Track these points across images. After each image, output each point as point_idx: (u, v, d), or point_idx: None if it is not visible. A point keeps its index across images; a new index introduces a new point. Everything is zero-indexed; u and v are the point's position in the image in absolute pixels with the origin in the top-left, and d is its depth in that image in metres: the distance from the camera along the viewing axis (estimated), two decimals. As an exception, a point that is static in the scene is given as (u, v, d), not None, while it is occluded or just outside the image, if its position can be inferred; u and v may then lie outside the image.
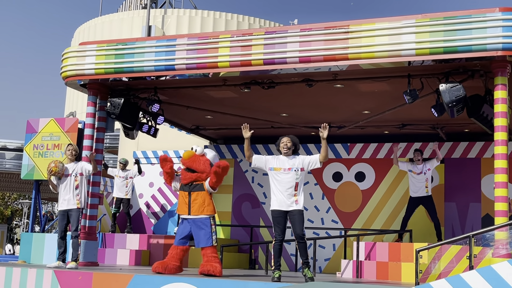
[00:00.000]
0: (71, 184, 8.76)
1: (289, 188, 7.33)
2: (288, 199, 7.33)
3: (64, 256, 8.72)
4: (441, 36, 7.64)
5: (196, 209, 8.01)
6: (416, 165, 10.93)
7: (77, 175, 8.79)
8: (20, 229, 48.35)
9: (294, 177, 7.34)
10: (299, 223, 7.26)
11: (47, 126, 12.02)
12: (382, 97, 9.88)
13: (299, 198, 7.33)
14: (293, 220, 7.31)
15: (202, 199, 8.05)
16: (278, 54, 8.35)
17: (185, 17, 29.90)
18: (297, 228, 7.27)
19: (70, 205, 8.72)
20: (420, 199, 10.88)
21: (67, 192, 8.75)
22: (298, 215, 7.29)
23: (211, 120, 12.12)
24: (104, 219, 13.28)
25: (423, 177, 10.84)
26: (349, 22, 8.16)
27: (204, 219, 8.02)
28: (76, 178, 8.77)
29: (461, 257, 7.54)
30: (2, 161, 26.78)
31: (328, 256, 12.23)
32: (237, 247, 12.65)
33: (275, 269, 7.37)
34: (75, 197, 8.72)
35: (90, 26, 32.43)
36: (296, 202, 7.31)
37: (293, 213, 7.31)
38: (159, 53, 9.02)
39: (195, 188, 8.09)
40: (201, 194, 8.07)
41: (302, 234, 7.26)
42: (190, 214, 8.02)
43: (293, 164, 7.39)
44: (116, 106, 9.63)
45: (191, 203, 8.02)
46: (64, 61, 9.74)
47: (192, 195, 8.05)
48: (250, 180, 13.27)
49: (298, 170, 7.36)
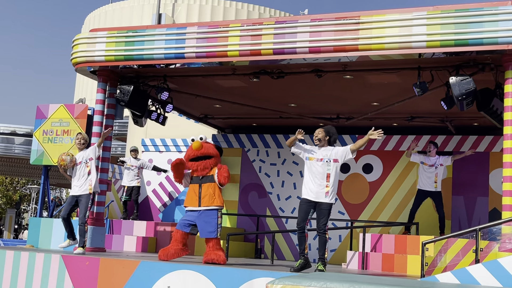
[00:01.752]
0: (83, 170, 8.83)
1: (320, 179, 7.31)
2: (319, 189, 7.30)
3: (73, 235, 8.81)
4: (452, 28, 7.59)
5: (207, 201, 8.06)
6: (429, 157, 10.89)
7: (87, 161, 8.85)
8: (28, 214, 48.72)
9: (326, 167, 7.32)
10: (323, 216, 7.26)
11: (57, 112, 12.07)
12: (391, 89, 9.85)
13: (330, 190, 7.29)
14: (319, 213, 7.31)
15: (213, 190, 8.10)
16: (288, 44, 8.33)
17: (195, 6, 29.85)
18: (320, 221, 7.29)
19: (82, 191, 8.78)
20: (429, 193, 10.84)
21: (79, 178, 8.83)
22: (326, 208, 7.28)
23: (220, 109, 12.13)
24: (112, 206, 13.35)
25: (434, 171, 10.79)
26: (359, 13, 8.12)
27: (212, 211, 8.05)
28: (87, 164, 8.84)
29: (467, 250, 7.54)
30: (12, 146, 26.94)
31: (334, 247, 12.25)
32: (243, 236, 12.69)
33: (300, 257, 7.39)
34: (87, 183, 8.79)
35: (101, 13, 32.46)
36: (326, 194, 7.28)
37: (321, 206, 7.30)
38: (169, 41, 9.03)
39: (206, 180, 8.14)
40: (212, 185, 8.12)
41: (323, 228, 7.26)
42: (201, 205, 8.06)
43: (326, 154, 7.38)
44: (126, 93, 9.65)
45: (202, 194, 8.07)
46: (74, 47, 9.76)
47: (203, 187, 8.10)
48: (257, 169, 13.29)
49: (331, 161, 7.35)
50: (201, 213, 8.08)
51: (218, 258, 7.86)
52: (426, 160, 10.86)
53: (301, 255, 7.40)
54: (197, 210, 8.10)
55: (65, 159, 8.74)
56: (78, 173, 8.83)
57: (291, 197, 12.80)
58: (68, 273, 7.73)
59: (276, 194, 13.05)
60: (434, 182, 10.82)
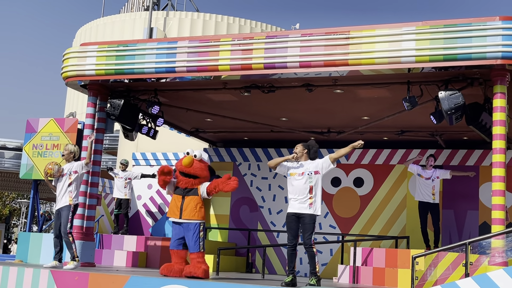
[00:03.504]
0: (65, 182, 8.73)
1: (303, 193, 7.29)
2: (303, 203, 7.28)
3: (60, 255, 8.70)
4: (441, 43, 7.67)
5: (188, 213, 7.94)
6: (426, 170, 10.95)
7: (71, 173, 8.74)
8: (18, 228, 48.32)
9: (308, 181, 7.31)
10: (307, 231, 7.22)
11: (47, 126, 12.05)
12: (381, 103, 9.90)
13: (314, 203, 7.27)
14: (303, 226, 7.27)
15: (195, 204, 7.99)
16: (278, 59, 8.38)
17: (187, 20, 29.98)
18: (305, 236, 7.24)
19: (62, 203, 8.67)
20: (428, 205, 10.88)
21: (61, 191, 8.74)
22: (309, 222, 7.22)
23: (211, 123, 12.14)
24: (102, 220, 13.28)
25: (431, 184, 10.85)
26: (349, 28, 8.19)
27: (193, 224, 7.95)
28: (70, 176, 8.72)
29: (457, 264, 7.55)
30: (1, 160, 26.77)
31: (325, 261, 12.23)
32: (235, 250, 12.65)
33: (289, 274, 7.35)
34: (67, 195, 8.68)
35: (92, 27, 32.50)
36: (310, 205, 7.25)
37: (304, 219, 7.25)
38: (160, 55, 9.05)
39: (189, 193, 8.05)
40: (194, 198, 8.01)
41: (309, 243, 7.21)
42: (181, 218, 7.97)
43: (307, 168, 7.37)
44: (116, 107, 9.64)
45: (183, 206, 7.98)
46: (65, 61, 9.77)
47: (186, 199, 8.01)
48: (248, 183, 13.28)
49: (312, 174, 7.33)
50: (184, 226, 7.98)
51: (196, 271, 7.72)
52: (423, 173, 10.92)
53: (291, 272, 7.36)
54: (179, 223, 8.01)
55: (52, 168, 8.66)
56: (61, 185, 8.74)
57: (282, 211, 12.78)
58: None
59: (267, 208, 13.04)
60: (432, 194, 10.88)
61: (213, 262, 10.89)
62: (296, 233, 7.34)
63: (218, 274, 9.70)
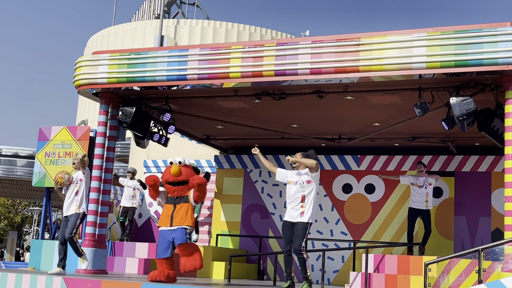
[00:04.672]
0: (73, 190, 8.88)
1: (294, 201, 7.46)
2: (295, 211, 7.45)
3: (64, 263, 8.81)
4: (452, 49, 7.65)
5: (178, 220, 7.98)
6: (419, 178, 11.01)
7: (78, 181, 8.90)
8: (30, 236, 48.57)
9: (300, 189, 7.45)
10: (298, 236, 7.35)
11: (59, 134, 12.13)
12: (392, 109, 9.89)
13: (306, 211, 7.39)
14: (295, 233, 7.42)
15: (185, 210, 8.04)
16: (289, 66, 8.40)
17: (197, 28, 30.10)
18: (296, 242, 7.37)
19: (70, 211, 8.85)
20: (419, 211, 10.99)
21: (68, 199, 8.90)
22: (301, 229, 7.37)
23: (222, 130, 12.17)
24: (113, 227, 13.33)
25: (424, 191, 10.94)
26: (360, 34, 8.20)
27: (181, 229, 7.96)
28: (76, 184, 8.89)
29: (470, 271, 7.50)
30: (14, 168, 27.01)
31: (337, 268, 12.19)
32: (246, 257, 12.64)
33: (287, 279, 7.48)
34: (74, 203, 8.82)
35: (104, 35, 32.72)
36: (301, 214, 7.40)
37: (296, 226, 7.42)
38: (171, 63, 9.10)
39: (181, 200, 8.10)
40: (185, 206, 8.07)
41: (299, 249, 7.31)
42: (172, 225, 7.99)
43: (300, 178, 7.53)
44: (128, 115, 9.70)
45: (174, 214, 8.00)
46: (77, 69, 9.84)
47: (177, 207, 8.06)
48: (259, 190, 13.28)
49: (304, 183, 7.47)
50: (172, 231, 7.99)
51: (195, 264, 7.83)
52: (416, 181, 11.01)
53: (288, 278, 7.50)
54: (170, 230, 8.01)
55: (62, 177, 8.80)
56: (69, 193, 8.91)
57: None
58: (70, 295, 7.70)
59: (278, 215, 13.02)
60: (425, 201, 10.97)
61: (225, 269, 10.91)
62: (290, 239, 7.48)
63: (229, 281, 9.70)
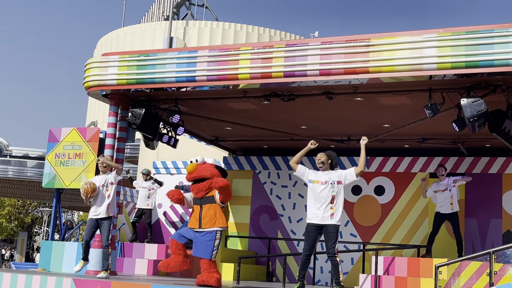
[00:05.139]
0: (104, 194, 8.89)
1: (325, 202, 7.32)
2: (325, 213, 7.30)
3: (87, 257, 8.80)
4: (462, 50, 7.60)
5: (207, 222, 7.78)
6: (440, 182, 10.83)
7: (108, 185, 8.92)
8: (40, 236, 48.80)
9: (331, 190, 7.34)
10: (331, 239, 7.23)
11: (69, 135, 12.15)
12: (402, 110, 9.84)
13: (336, 213, 7.29)
14: (326, 236, 7.31)
15: (214, 212, 7.82)
16: (298, 67, 8.38)
17: (206, 29, 30.13)
18: (328, 244, 7.26)
19: (102, 214, 8.84)
20: (446, 215, 10.77)
21: (99, 203, 8.87)
22: (333, 231, 7.26)
23: (231, 131, 12.17)
24: (123, 229, 13.35)
25: (448, 194, 10.74)
26: (370, 35, 8.16)
27: (211, 233, 7.78)
28: (107, 188, 8.91)
29: (481, 273, 7.46)
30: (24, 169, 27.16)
31: (346, 270, 12.15)
32: (255, 259, 12.62)
33: (298, 281, 7.42)
34: (106, 207, 8.84)
35: (113, 37, 32.83)
36: (332, 216, 7.27)
37: (328, 229, 7.29)
38: (181, 65, 9.10)
39: (206, 201, 7.89)
40: (212, 206, 7.84)
41: (333, 252, 7.22)
42: (201, 227, 7.80)
43: (330, 177, 7.40)
44: (137, 116, 9.72)
45: (202, 215, 7.82)
46: (87, 71, 9.87)
47: (204, 208, 7.85)
48: (268, 192, 13.26)
49: (335, 183, 7.37)
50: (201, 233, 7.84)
51: (210, 280, 7.61)
52: (438, 187, 10.82)
53: (300, 279, 7.42)
54: (198, 231, 7.86)
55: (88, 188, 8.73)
56: (100, 196, 8.90)
57: (302, 220, 12.73)
58: (79, 296, 7.71)
59: (287, 217, 13.00)
60: (450, 204, 10.76)
61: (234, 271, 10.89)
62: (314, 243, 7.39)
63: (238, 282, 9.69)
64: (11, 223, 43.92)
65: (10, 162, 27.21)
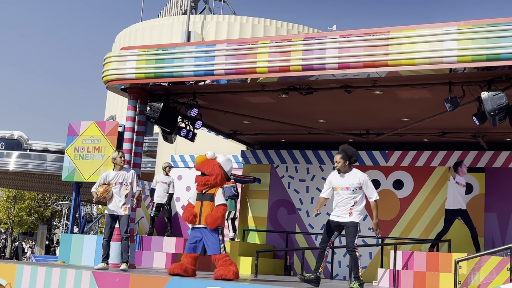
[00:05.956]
0: (122, 192, 8.95)
1: (346, 205, 7.38)
2: (344, 212, 7.40)
3: (106, 261, 8.87)
4: (483, 43, 7.50)
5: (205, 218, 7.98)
6: (460, 177, 10.71)
7: (127, 184, 8.98)
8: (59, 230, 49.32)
9: (352, 195, 7.37)
10: (350, 234, 7.30)
11: (88, 129, 12.24)
12: (422, 104, 9.75)
13: (354, 212, 7.33)
14: (346, 230, 7.41)
15: (211, 209, 8.03)
16: (316, 60, 8.33)
17: (224, 23, 30.14)
18: (348, 239, 7.36)
19: (120, 211, 8.92)
20: (458, 212, 10.64)
21: (117, 198, 8.93)
22: (351, 226, 7.32)
23: (249, 125, 12.16)
24: (141, 222, 13.43)
25: (464, 189, 10.66)
26: (389, 28, 8.08)
27: (213, 234, 7.97)
28: (126, 187, 8.97)
29: (501, 268, 7.39)
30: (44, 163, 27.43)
31: (365, 264, 12.10)
32: (273, 253, 12.63)
33: (313, 272, 7.51)
34: (123, 205, 8.91)
35: (131, 31, 32.98)
36: (350, 214, 7.33)
37: (346, 225, 7.40)
38: (199, 58, 9.10)
39: (206, 198, 8.09)
40: (211, 204, 8.04)
41: (352, 246, 7.28)
42: (200, 223, 8.03)
43: (352, 183, 7.38)
44: (156, 110, 9.75)
45: (202, 212, 8.02)
46: (105, 65, 9.92)
47: (204, 204, 8.06)
48: (286, 186, 13.24)
49: (357, 190, 7.38)
50: (201, 230, 8.04)
51: (227, 273, 7.69)
52: (461, 180, 10.68)
53: (315, 271, 7.52)
54: (198, 227, 8.07)
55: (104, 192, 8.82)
56: (117, 192, 8.95)
57: (320, 214, 12.64)
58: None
59: (305, 211, 12.98)
60: (464, 200, 10.67)
61: (252, 265, 10.91)
62: (329, 237, 7.50)
63: (256, 276, 9.70)
64: (31, 216, 44.43)
65: (30, 156, 27.49)
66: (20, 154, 27.47)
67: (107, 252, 8.89)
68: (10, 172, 28.00)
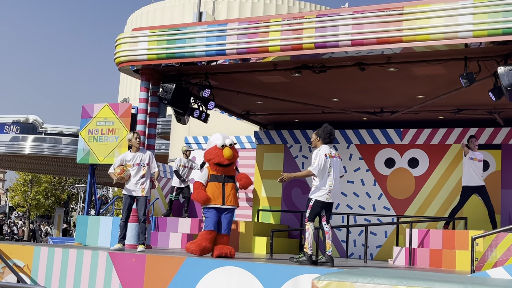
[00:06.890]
0: (139, 173, 9.00)
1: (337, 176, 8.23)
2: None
3: (123, 241, 8.94)
4: (500, 17, 7.35)
5: (231, 200, 8.30)
6: (475, 152, 10.57)
7: (144, 165, 9.02)
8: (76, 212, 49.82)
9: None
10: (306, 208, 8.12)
11: (102, 111, 12.24)
12: (437, 80, 9.63)
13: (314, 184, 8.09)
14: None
15: (235, 191, 8.42)
16: (329, 38, 8.23)
17: (235, 3, 29.90)
18: None
19: (137, 192, 8.99)
20: (476, 188, 10.52)
21: (136, 179, 8.99)
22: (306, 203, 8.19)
23: (261, 105, 12.11)
24: (156, 203, 13.48)
25: (481, 165, 10.52)
26: (403, 3, 7.95)
27: (233, 211, 8.40)
28: (143, 168, 9.02)
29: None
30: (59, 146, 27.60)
31: (380, 243, 12.08)
32: (287, 232, 12.64)
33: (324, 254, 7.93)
34: (140, 185, 8.96)
35: (143, 13, 32.89)
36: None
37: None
38: (210, 38, 9.04)
39: (229, 180, 8.36)
40: (234, 186, 8.41)
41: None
42: (225, 204, 8.27)
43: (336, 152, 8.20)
44: (168, 91, 9.72)
45: (226, 193, 8.27)
46: (117, 47, 9.88)
47: (226, 186, 8.29)
48: (300, 166, 13.20)
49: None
50: (225, 210, 8.30)
51: (231, 252, 8.14)
52: (475, 155, 10.53)
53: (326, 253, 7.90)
54: (222, 208, 8.29)
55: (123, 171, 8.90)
56: (134, 173, 9.00)
57: (335, 193, 12.63)
58: (115, 269, 7.84)
59: (319, 190, 12.91)
60: (481, 175, 10.54)
61: (267, 244, 10.93)
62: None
63: (271, 256, 9.72)
64: (48, 200, 44.87)
65: (45, 140, 27.65)
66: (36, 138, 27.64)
67: (124, 233, 8.96)
68: (26, 156, 28.21)
